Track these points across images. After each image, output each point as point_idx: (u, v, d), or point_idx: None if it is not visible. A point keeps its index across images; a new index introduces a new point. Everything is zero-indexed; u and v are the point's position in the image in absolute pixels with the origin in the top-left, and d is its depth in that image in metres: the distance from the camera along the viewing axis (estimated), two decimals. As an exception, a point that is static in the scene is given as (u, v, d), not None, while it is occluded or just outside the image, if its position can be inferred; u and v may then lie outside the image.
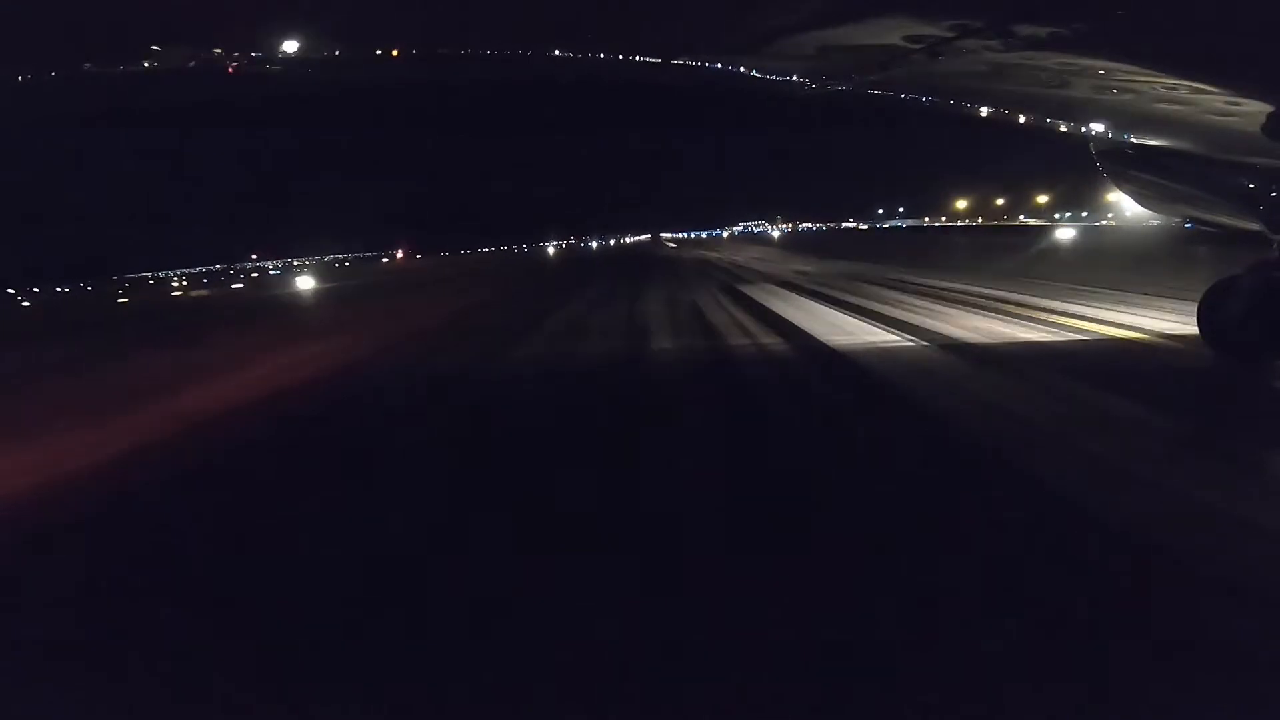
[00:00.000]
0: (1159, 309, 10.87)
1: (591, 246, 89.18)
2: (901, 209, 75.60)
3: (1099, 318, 10.54)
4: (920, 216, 71.08)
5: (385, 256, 64.42)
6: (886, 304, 13.47)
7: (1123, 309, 11.18)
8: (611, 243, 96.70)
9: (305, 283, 37.40)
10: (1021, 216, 60.46)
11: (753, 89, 13.60)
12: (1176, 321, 9.47)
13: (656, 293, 18.13)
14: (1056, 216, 52.95)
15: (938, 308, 12.57)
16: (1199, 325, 8.00)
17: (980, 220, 61.04)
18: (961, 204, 62.09)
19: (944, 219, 66.02)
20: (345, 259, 61.36)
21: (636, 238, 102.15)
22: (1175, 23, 8.33)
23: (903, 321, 11.03)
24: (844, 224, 78.08)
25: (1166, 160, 8.53)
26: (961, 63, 10.77)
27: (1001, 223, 58.31)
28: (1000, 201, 62.73)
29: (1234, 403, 6.57)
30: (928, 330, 10.06)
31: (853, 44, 11.43)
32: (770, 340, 9.98)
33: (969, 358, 8.18)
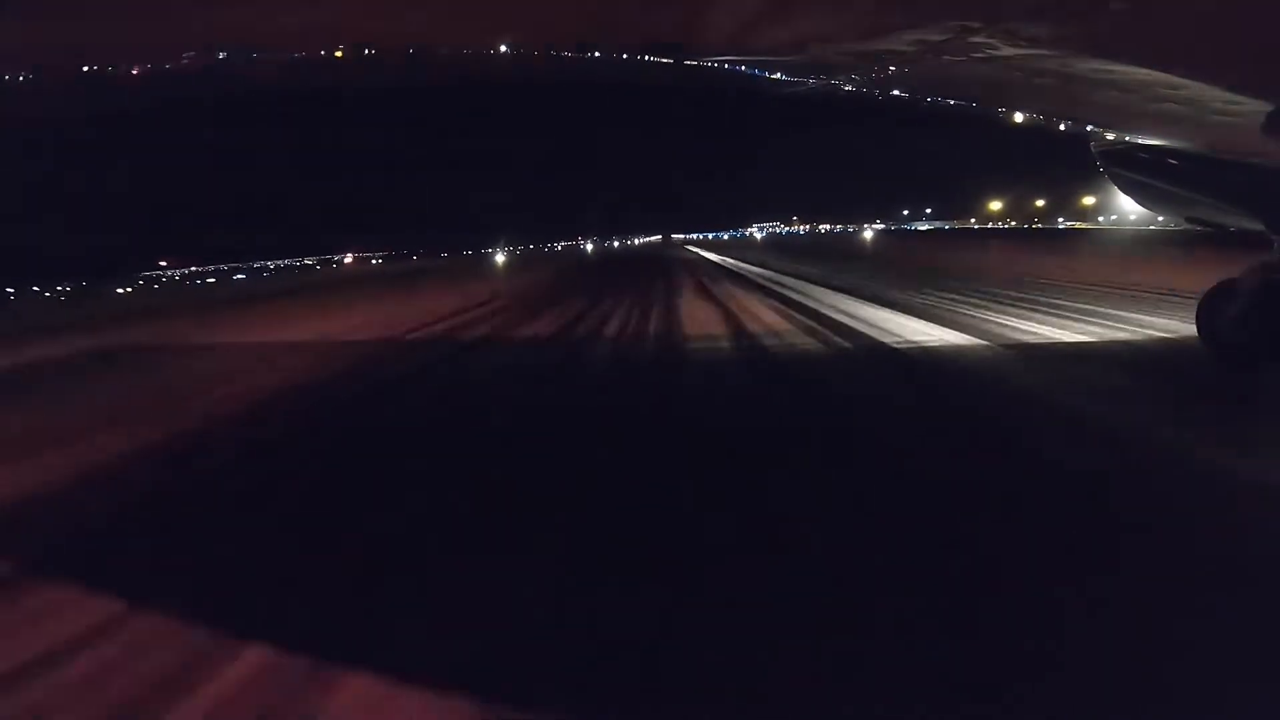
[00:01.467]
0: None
1: (585, 249, 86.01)
2: (929, 210, 75.23)
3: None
4: (950, 218, 70.74)
5: (330, 261, 59.83)
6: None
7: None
8: (615, 244, 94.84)
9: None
10: (1060, 219, 60.12)
11: (767, 90, 14.04)
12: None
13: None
14: (1101, 220, 52.46)
15: None
16: (1198, 327, 8.31)
17: (1013, 223, 60.74)
18: (995, 205, 61.80)
19: (973, 220, 65.67)
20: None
21: (645, 239, 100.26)
22: (1176, 21, 8.65)
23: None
24: (867, 226, 77.91)
25: (1166, 160, 8.86)
26: (990, 64, 11.14)
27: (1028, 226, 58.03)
28: (1040, 203, 62.19)
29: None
30: None
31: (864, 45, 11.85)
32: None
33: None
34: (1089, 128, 10.28)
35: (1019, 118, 13.34)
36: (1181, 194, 8.66)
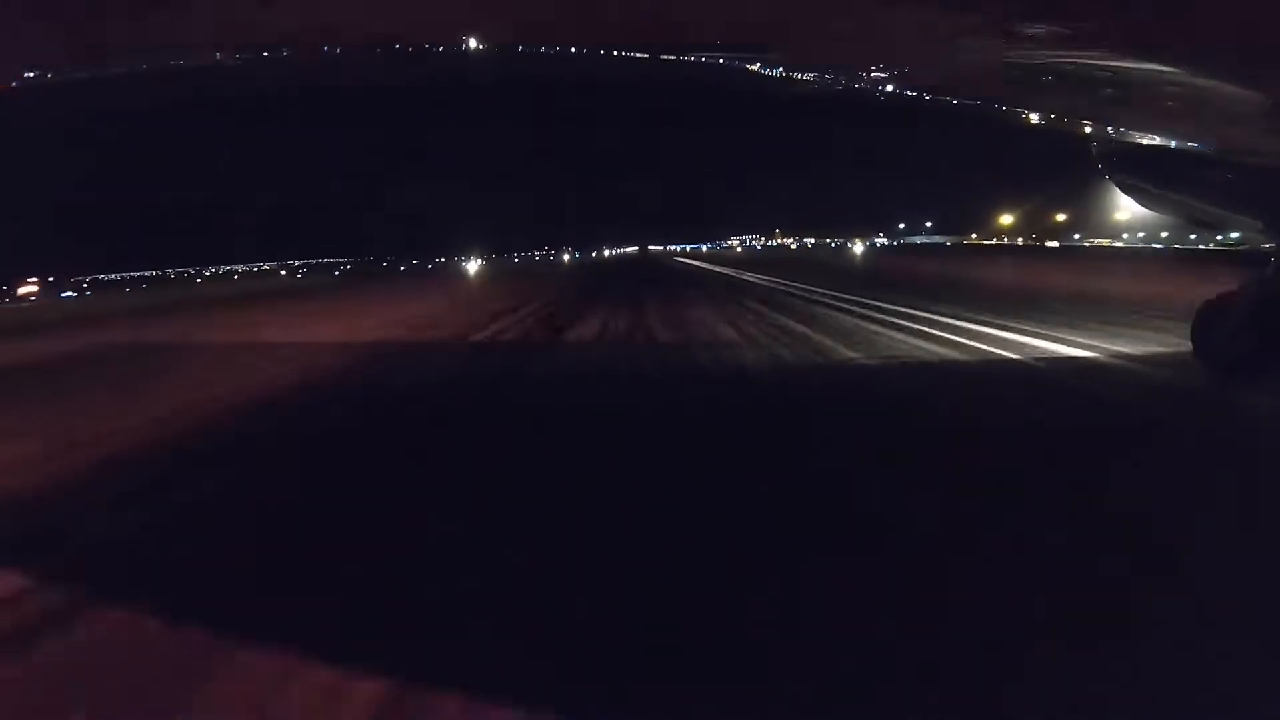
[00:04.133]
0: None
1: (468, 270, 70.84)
2: (929, 223, 76.05)
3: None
4: (955, 232, 71.72)
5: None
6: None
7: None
8: (565, 257, 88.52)
9: None
10: (1076, 235, 61.37)
11: (748, 88, 14.69)
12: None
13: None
14: (1125, 237, 53.21)
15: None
16: (1192, 342, 9.00)
17: (1021, 240, 61.67)
18: (1006, 220, 62.96)
19: (975, 235, 66.58)
20: None
21: (617, 250, 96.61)
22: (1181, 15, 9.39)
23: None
24: (856, 239, 78.57)
25: (1166, 160, 9.58)
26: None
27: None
28: (1061, 217, 63.13)
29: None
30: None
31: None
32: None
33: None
34: (1090, 128, 11.03)
35: (1022, 118, 14.13)
36: (1182, 195, 9.36)
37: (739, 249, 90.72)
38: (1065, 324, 11.90)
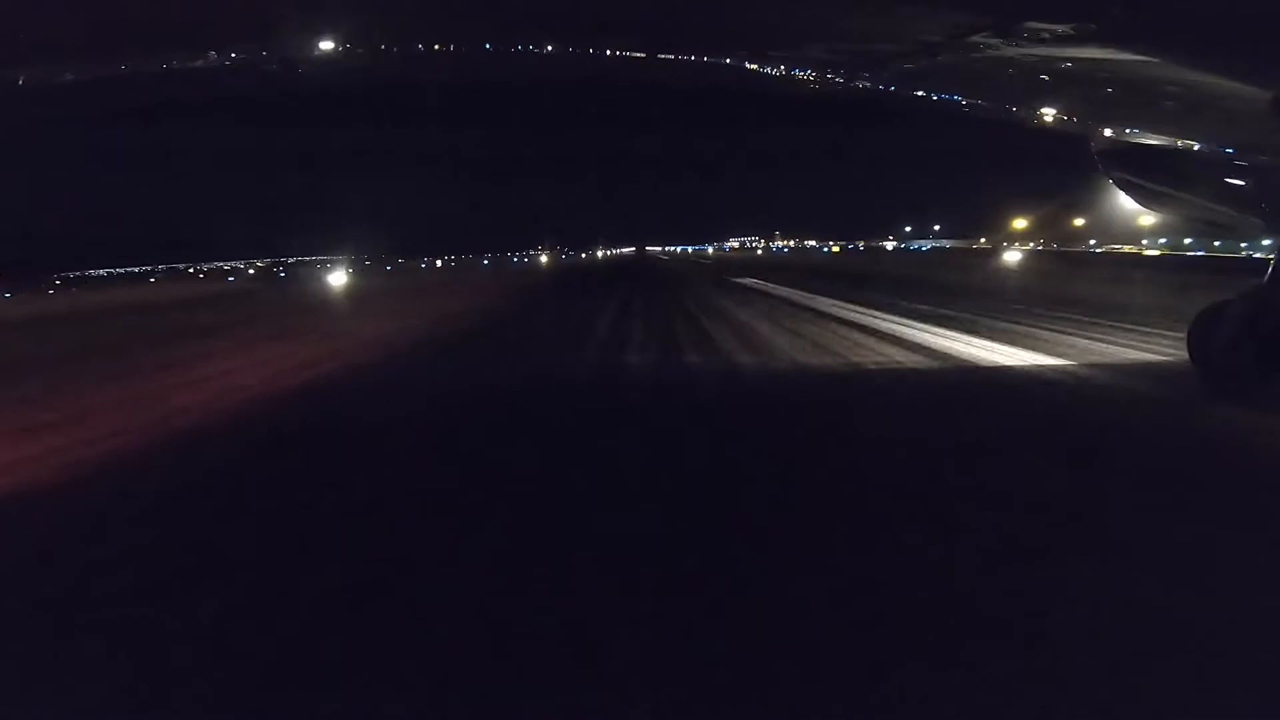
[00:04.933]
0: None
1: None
2: (937, 227, 75.70)
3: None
4: (963, 236, 71.37)
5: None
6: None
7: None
8: (544, 258, 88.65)
9: None
10: (1091, 241, 61.15)
11: (751, 84, 14.69)
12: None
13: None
14: (1144, 243, 52.59)
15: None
16: (1189, 350, 9.06)
17: (1033, 244, 61.19)
18: (1019, 224, 62.74)
19: (983, 239, 66.08)
20: None
21: (613, 250, 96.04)
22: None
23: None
24: (857, 242, 77.85)
25: (1166, 159, 9.62)
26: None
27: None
28: (1079, 222, 62.72)
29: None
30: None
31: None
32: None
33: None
34: (1089, 127, 11.04)
35: (1028, 118, 14.09)
36: (1182, 194, 9.40)
37: (759, 252, 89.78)
38: None
